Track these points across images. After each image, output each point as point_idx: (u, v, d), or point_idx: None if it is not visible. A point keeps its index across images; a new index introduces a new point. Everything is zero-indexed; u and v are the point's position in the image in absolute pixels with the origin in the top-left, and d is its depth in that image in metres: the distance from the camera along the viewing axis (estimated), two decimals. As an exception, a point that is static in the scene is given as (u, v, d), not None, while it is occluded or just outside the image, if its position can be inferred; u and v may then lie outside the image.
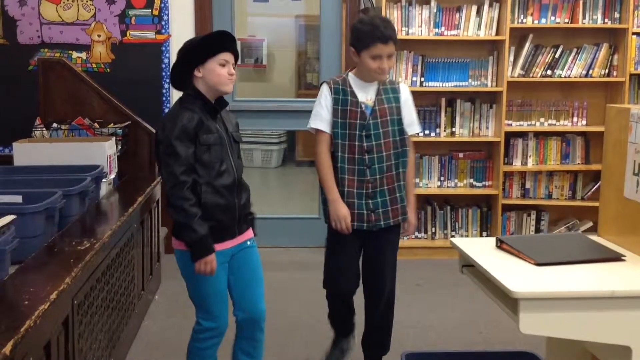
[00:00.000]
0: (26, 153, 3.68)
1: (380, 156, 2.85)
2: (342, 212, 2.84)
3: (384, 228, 2.90)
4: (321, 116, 2.88)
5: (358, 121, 2.83)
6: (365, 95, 2.87)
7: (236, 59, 2.58)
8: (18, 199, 2.73)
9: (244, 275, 2.66)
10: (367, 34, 2.76)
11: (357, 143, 2.84)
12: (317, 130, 2.88)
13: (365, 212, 2.86)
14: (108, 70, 4.82)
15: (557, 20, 4.86)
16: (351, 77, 2.89)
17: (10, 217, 2.34)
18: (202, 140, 2.46)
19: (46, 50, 4.81)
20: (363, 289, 2.99)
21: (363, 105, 2.86)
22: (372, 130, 2.84)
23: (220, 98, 2.59)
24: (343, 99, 2.86)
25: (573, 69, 4.91)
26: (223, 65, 2.51)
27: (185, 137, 2.44)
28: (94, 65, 4.83)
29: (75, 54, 4.83)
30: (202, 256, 2.46)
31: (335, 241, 2.95)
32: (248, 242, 2.68)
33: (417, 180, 4.90)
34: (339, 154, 2.85)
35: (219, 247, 2.53)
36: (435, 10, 4.83)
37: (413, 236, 4.89)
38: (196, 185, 2.47)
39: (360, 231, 2.88)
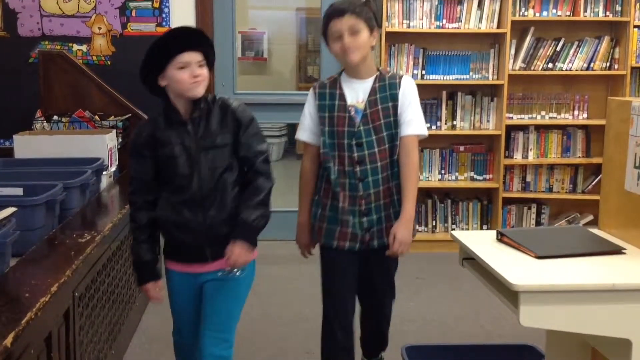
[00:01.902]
0: (27, 145, 3.68)
1: (375, 167, 2.50)
2: (304, 239, 2.65)
3: (378, 247, 2.56)
4: (304, 125, 2.59)
5: (346, 128, 2.49)
6: (356, 96, 2.51)
7: (207, 53, 2.24)
8: (19, 191, 2.72)
9: (203, 311, 2.36)
10: (324, 18, 2.46)
11: (346, 153, 2.49)
12: (303, 141, 2.62)
13: (359, 232, 2.53)
14: (108, 62, 4.82)
15: (559, 13, 4.84)
16: (343, 76, 2.55)
17: (10, 210, 2.33)
18: (159, 153, 2.26)
19: (47, 42, 4.80)
20: (360, 304, 2.78)
21: (352, 109, 2.50)
22: (364, 137, 2.48)
23: (197, 101, 2.26)
24: (330, 104, 2.52)
25: (574, 62, 4.90)
26: (183, 68, 2.19)
27: (137, 153, 2.28)
28: (94, 57, 4.83)
29: (75, 47, 4.82)
30: (140, 283, 2.35)
31: (327, 265, 2.65)
32: (219, 274, 2.31)
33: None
34: (330, 165, 2.52)
35: (186, 268, 2.34)
36: (436, 3, 4.82)
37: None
38: (159, 199, 2.30)
39: (352, 251, 2.58)
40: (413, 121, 2.50)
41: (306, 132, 2.58)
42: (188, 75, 2.18)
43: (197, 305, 2.38)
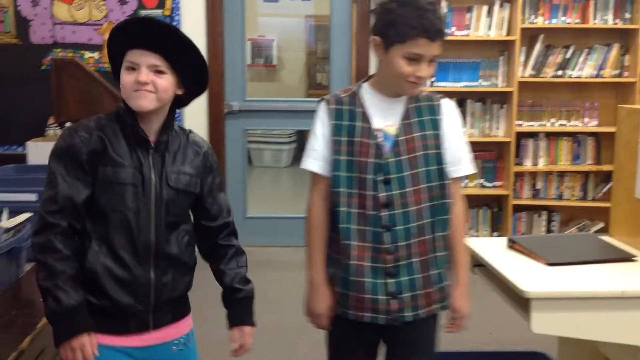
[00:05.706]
0: (39, 152, 3.72)
1: (406, 212, 1.87)
2: (318, 307, 1.96)
3: (412, 322, 1.93)
4: (316, 151, 1.94)
5: (371, 160, 1.88)
6: (386, 118, 1.91)
7: (168, 54, 1.69)
8: (32, 197, 2.76)
9: None
10: (408, 21, 1.80)
11: (369, 192, 1.87)
12: (312, 172, 1.97)
13: (382, 297, 1.89)
14: (120, 70, 4.86)
15: (568, 20, 4.85)
16: (366, 90, 1.94)
17: (25, 215, 2.36)
18: (101, 173, 1.67)
19: (59, 50, 4.85)
20: None
21: (380, 135, 1.89)
22: (394, 172, 1.87)
23: (167, 122, 1.76)
24: (349, 125, 1.90)
25: (584, 69, 4.90)
26: (132, 70, 1.70)
27: (71, 163, 1.66)
28: (106, 65, 4.86)
29: (87, 54, 4.86)
30: (67, 338, 1.61)
31: (337, 344, 2.05)
32: (174, 347, 1.80)
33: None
34: (343, 208, 1.89)
35: (115, 340, 1.71)
36: (445, 11, 4.83)
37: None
38: (84, 239, 1.69)
39: (375, 326, 1.93)
40: (461, 159, 1.97)
41: (318, 160, 1.94)
42: (132, 79, 1.69)
43: None
